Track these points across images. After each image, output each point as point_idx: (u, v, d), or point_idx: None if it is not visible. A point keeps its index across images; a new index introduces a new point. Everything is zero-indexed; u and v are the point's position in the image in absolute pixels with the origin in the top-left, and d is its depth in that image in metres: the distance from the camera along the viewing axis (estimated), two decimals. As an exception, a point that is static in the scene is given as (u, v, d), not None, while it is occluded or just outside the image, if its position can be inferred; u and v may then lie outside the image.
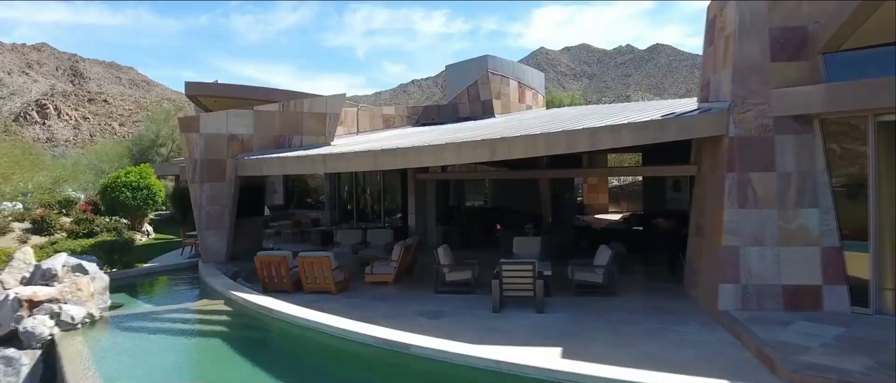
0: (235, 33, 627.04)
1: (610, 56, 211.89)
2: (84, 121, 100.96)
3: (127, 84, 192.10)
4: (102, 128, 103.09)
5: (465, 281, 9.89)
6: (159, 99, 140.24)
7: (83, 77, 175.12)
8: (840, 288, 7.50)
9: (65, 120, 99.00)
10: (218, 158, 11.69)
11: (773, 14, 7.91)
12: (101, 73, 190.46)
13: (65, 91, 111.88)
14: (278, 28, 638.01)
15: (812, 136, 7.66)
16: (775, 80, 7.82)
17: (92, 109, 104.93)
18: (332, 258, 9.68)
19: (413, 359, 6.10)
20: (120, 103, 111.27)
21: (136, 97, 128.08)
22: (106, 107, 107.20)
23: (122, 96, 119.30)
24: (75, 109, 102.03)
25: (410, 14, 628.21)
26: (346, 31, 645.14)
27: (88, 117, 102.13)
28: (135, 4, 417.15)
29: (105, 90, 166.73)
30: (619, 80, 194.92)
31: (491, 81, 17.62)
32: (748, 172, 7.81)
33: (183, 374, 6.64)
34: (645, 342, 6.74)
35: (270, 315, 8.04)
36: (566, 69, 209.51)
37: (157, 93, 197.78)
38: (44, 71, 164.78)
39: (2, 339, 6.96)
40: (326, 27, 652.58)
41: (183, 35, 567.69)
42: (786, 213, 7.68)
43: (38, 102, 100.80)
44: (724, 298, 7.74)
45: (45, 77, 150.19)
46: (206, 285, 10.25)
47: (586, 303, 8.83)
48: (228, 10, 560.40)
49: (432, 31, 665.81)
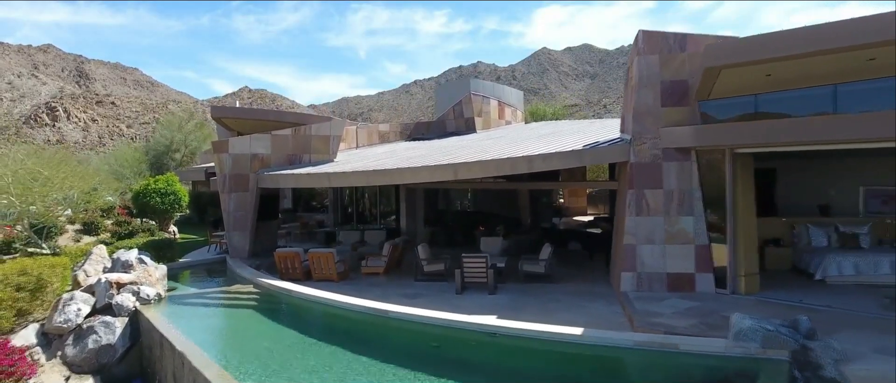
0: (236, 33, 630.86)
1: (612, 56, 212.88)
2: (93, 124, 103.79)
3: (132, 85, 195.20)
4: (111, 130, 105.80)
5: (440, 272, 12.71)
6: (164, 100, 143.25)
7: (89, 78, 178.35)
8: (708, 275, 10.31)
9: (74, 122, 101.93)
10: (242, 173, 14.60)
11: (663, 70, 10.71)
12: (107, 73, 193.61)
13: (73, 93, 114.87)
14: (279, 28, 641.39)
15: (690, 163, 10.48)
16: (664, 120, 10.63)
17: (100, 111, 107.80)
18: (335, 253, 12.56)
19: (390, 320, 8.98)
20: (127, 105, 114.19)
21: (143, 99, 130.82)
22: (114, 110, 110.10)
23: (128, 98, 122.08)
24: (84, 111, 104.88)
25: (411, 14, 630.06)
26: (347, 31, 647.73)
27: (97, 119, 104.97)
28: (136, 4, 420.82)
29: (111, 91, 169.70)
30: (620, 81, 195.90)
31: (473, 101, 20.48)
32: (643, 189, 10.63)
33: (228, 330, 9.52)
34: (561, 313, 9.51)
35: (289, 294, 10.94)
36: (568, 69, 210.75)
37: (161, 93, 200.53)
38: (50, 72, 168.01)
39: (100, 310, 9.84)
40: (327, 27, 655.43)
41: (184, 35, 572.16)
42: (670, 220, 10.51)
43: (48, 105, 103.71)
44: (625, 282, 10.57)
45: (51, 78, 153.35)
46: (236, 274, 13.16)
47: (530, 289, 11.64)
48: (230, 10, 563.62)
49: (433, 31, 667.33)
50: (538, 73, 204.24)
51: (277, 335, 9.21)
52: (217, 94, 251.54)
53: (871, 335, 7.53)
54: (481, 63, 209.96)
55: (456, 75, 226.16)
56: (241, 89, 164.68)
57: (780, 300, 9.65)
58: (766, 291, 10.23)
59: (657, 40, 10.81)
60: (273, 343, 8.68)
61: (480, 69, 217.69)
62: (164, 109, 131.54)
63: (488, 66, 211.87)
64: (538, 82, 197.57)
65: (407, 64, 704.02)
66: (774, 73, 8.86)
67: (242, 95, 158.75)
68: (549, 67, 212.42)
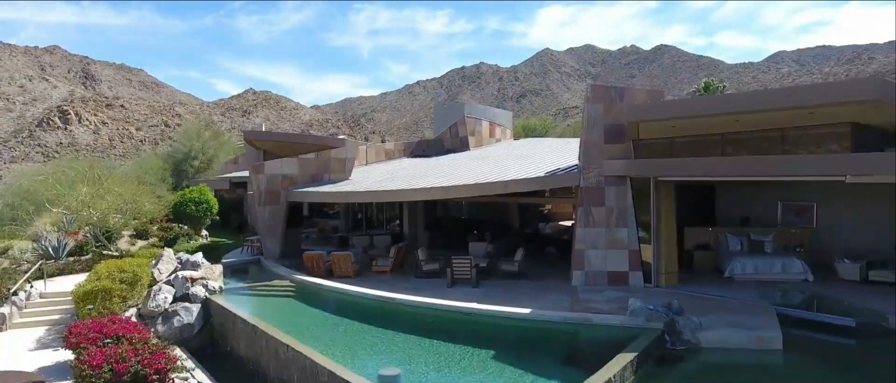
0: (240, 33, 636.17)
1: (614, 57, 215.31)
2: (103, 126, 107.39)
3: (137, 86, 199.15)
4: (120, 132, 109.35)
5: (435, 270, 16.13)
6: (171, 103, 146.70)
7: (94, 79, 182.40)
8: (638, 272, 13.73)
9: (85, 125, 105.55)
10: (275, 190, 18.11)
11: (606, 115, 14.10)
12: (112, 74, 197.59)
13: (83, 96, 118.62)
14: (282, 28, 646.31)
15: (625, 187, 13.89)
16: (606, 154, 14.03)
17: (110, 114, 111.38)
18: (352, 255, 16.03)
19: (396, 305, 12.47)
20: (136, 108, 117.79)
21: (150, 101, 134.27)
22: (123, 113, 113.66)
23: (136, 100, 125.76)
24: (94, 114, 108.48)
25: (413, 14, 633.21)
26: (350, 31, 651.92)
27: (107, 122, 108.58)
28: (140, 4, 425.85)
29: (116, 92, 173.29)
30: (622, 81, 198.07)
31: (467, 123, 23.99)
32: (590, 207, 14.05)
33: (275, 312, 13.01)
34: (523, 300, 12.82)
35: (318, 287, 14.44)
36: (571, 70, 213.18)
37: (166, 94, 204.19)
38: (56, 73, 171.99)
39: (179, 298, 13.32)
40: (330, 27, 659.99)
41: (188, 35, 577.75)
42: (610, 230, 13.92)
43: (60, 108, 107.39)
44: (576, 278, 14.00)
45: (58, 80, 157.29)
46: (272, 272, 16.66)
47: (506, 283, 15.02)
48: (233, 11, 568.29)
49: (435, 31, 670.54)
50: (540, 74, 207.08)
51: (312, 315, 12.69)
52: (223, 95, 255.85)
53: (733, 315, 10.94)
54: (484, 64, 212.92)
55: (459, 76, 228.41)
56: (245, 91, 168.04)
57: (689, 291, 13.06)
58: (681, 285, 13.64)
59: (602, 92, 14.26)
60: (310, 320, 12.12)
61: (483, 70, 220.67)
62: (171, 112, 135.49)
63: (491, 66, 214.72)
64: (540, 83, 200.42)
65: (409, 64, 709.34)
66: (676, 126, 12.28)
67: (248, 97, 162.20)
68: (552, 68, 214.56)
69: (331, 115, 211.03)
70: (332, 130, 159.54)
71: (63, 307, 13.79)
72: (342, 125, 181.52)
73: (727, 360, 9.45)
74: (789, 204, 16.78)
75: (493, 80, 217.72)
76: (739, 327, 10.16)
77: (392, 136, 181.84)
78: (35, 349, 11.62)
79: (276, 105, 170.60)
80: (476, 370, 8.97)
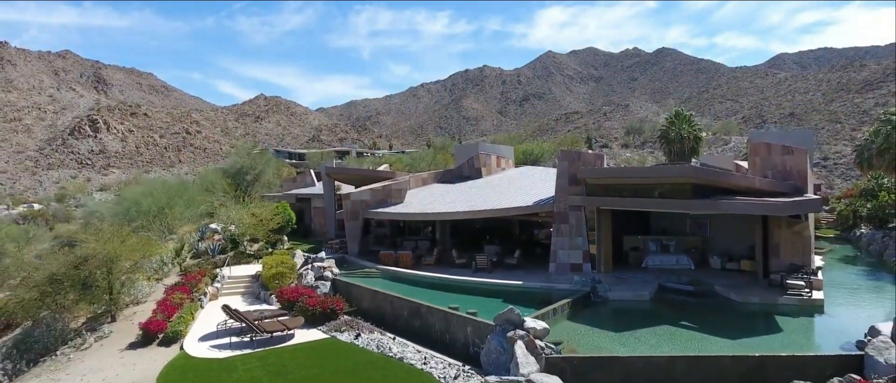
0: (241, 35, 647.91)
1: (617, 59, 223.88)
2: (129, 134, 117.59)
3: (147, 89, 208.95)
4: (145, 140, 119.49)
5: (464, 263, 26.22)
6: (188, 109, 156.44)
7: (106, 83, 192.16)
8: (588, 264, 23.89)
9: (113, 133, 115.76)
10: (356, 210, 28.28)
11: (570, 169, 24.17)
12: (123, 78, 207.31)
13: (109, 105, 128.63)
14: (283, 29, 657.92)
15: (581, 212, 24.01)
16: (569, 191, 24.13)
17: (134, 122, 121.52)
18: (411, 253, 26.17)
19: (445, 281, 22.69)
20: (157, 116, 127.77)
21: (169, 109, 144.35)
22: (146, 121, 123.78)
23: (156, 109, 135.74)
24: (121, 123, 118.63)
25: (414, 15, 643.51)
26: (351, 33, 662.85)
27: (133, 130, 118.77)
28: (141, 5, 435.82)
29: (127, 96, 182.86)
30: (624, 84, 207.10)
31: (480, 157, 34.20)
32: (560, 224, 24.17)
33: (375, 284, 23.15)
34: (519, 278, 23.01)
35: (394, 272, 24.67)
36: (573, 72, 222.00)
37: (175, 98, 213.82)
38: (69, 78, 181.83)
39: (319, 278, 23.43)
40: (331, 29, 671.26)
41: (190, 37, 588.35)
42: (572, 238, 24.03)
43: (89, 117, 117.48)
44: (551, 268, 24.18)
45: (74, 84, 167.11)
46: (358, 264, 26.85)
47: (508, 271, 25.13)
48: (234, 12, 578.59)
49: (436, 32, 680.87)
50: (543, 77, 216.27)
51: (391, 286, 22.85)
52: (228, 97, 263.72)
53: (632, 285, 21.10)
54: (487, 67, 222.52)
55: (462, 79, 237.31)
56: (257, 96, 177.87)
57: (617, 276, 23.14)
58: (614, 272, 23.70)
59: (567, 154, 24.41)
60: (397, 289, 22.30)
61: (486, 73, 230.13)
62: (189, 118, 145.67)
63: (494, 69, 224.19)
64: (543, 86, 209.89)
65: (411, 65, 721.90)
66: (613, 182, 22.44)
67: (259, 103, 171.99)
68: (554, 71, 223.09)
69: (337, 119, 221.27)
70: (341, 135, 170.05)
71: (244, 284, 24.09)
72: (350, 130, 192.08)
73: (620, 306, 19.61)
74: (694, 219, 26.88)
75: (497, 82, 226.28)
76: (631, 290, 20.33)
77: (398, 140, 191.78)
78: (242, 305, 21.84)
79: (287, 110, 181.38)
80: (493, 309, 19.07)
